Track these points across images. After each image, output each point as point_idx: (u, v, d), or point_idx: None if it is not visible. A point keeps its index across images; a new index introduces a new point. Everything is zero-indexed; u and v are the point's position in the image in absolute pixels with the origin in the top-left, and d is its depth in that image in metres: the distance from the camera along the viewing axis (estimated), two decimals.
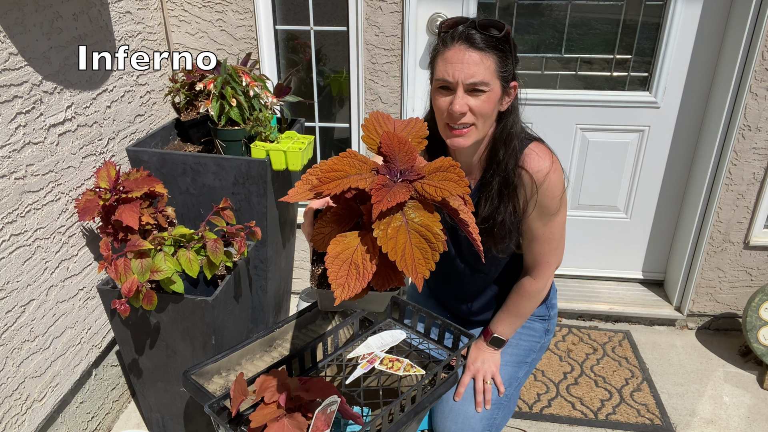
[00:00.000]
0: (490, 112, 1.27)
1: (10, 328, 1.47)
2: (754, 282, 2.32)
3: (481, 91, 1.23)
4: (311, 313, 1.50)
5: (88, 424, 1.82)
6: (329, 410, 1.00)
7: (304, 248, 2.53)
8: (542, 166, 1.33)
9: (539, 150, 1.35)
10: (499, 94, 1.27)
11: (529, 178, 1.34)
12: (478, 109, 1.25)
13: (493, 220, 1.37)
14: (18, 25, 1.42)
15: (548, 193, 1.34)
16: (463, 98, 1.23)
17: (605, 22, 2.18)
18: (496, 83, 1.25)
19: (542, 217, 1.38)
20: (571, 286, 2.56)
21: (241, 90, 1.77)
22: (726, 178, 2.14)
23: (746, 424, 1.96)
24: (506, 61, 1.25)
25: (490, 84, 1.23)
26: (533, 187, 1.34)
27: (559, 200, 1.36)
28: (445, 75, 1.24)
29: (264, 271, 1.97)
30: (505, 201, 1.36)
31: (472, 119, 1.26)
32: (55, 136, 1.59)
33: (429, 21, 2.15)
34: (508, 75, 1.27)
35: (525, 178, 1.34)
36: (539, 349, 1.64)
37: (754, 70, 1.97)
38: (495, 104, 1.27)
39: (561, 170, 1.37)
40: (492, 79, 1.23)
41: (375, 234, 0.69)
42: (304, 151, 1.76)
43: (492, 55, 1.22)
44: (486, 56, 1.22)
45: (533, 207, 1.36)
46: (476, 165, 1.41)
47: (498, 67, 1.24)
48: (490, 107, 1.26)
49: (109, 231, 1.55)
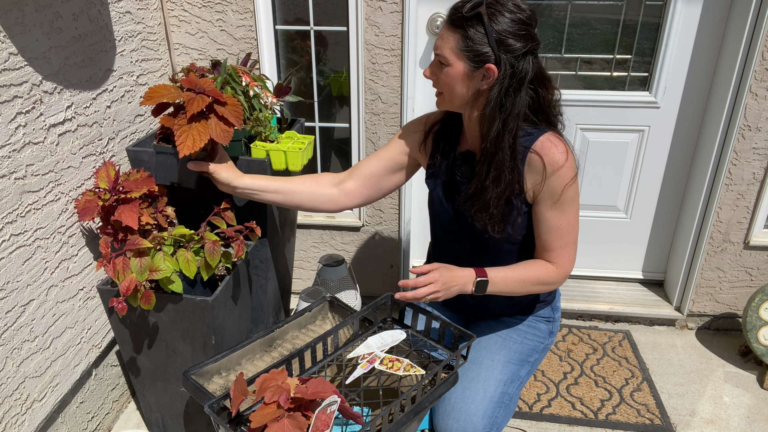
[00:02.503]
0: (451, 86, 1.36)
1: (10, 328, 1.47)
2: (754, 282, 2.32)
3: (443, 65, 1.35)
4: (311, 313, 1.50)
5: (88, 424, 1.82)
6: (329, 410, 1.00)
7: (304, 248, 2.53)
8: (553, 151, 1.35)
9: (553, 137, 1.37)
10: (461, 72, 1.33)
11: (539, 160, 1.36)
12: (440, 81, 1.38)
13: (480, 200, 1.39)
14: (18, 25, 1.42)
15: (556, 184, 1.36)
16: (432, 65, 1.39)
17: (605, 22, 2.18)
18: (456, 61, 1.32)
19: (555, 206, 1.39)
20: (571, 286, 2.56)
21: (241, 90, 1.77)
22: (726, 178, 2.14)
23: (746, 424, 1.96)
24: (472, 40, 1.29)
25: (450, 59, 1.33)
26: (543, 171, 1.36)
27: (569, 186, 1.37)
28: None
29: (264, 271, 1.97)
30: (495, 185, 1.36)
31: (439, 87, 1.40)
32: (55, 136, 1.59)
33: (429, 21, 2.16)
34: (474, 54, 1.29)
35: (536, 162, 1.36)
36: (542, 350, 1.64)
37: (754, 70, 1.97)
38: (456, 80, 1.35)
39: (573, 159, 1.39)
40: (451, 55, 1.32)
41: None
42: (304, 151, 1.76)
43: (457, 33, 1.31)
44: (452, 33, 1.31)
45: (543, 193, 1.37)
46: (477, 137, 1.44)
47: (459, 44, 1.30)
48: (450, 81, 1.35)
49: (108, 231, 1.55)
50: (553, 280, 1.45)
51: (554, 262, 1.45)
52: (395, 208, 2.38)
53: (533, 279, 1.44)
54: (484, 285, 1.40)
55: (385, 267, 2.51)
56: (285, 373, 1.06)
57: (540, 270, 1.44)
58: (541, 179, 1.37)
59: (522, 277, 1.43)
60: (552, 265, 1.45)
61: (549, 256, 1.45)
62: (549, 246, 1.44)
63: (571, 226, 1.42)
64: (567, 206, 1.40)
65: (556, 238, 1.42)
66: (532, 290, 1.47)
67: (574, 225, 1.43)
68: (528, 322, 1.63)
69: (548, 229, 1.42)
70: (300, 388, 1.02)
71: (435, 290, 1.34)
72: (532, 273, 1.44)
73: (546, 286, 1.47)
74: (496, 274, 1.41)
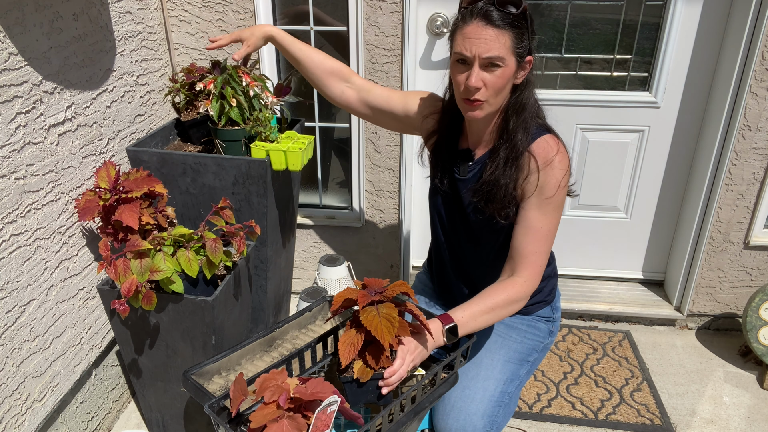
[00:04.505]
0: (503, 86, 1.34)
1: (10, 328, 1.47)
2: (754, 282, 2.32)
3: (497, 65, 1.30)
4: (311, 313, 1.49)
5: (88, 424, 1.82)
6: (329, 410, 1.00)
7: (304, 248, 2.53)
8: (549, 151, 1.38)
9: (550, 140, 1.40)
10: (513, 69, 1.32)
11: (534, 161, 1.38)
12: (491, 84, 1.32)
13: (496, 185, 1.41)
14: (18, 25, 1.42)
15: (549, 178, 1.36)
16: (478, 73, 1.30)
17: (605, 22, 2.18)
18: (511, 59, 1.30)
19: (540, 205, 1.39)
20: (571, 286, 2.56)
21: (241, 90, 1.77)
22: (726, 178, 2.14)
23: (746, 424, 1.96)
24: (522, 37, 1.30)
25: (506, 59, 1.29)
26: (536, 168, 1.38)
27: (558, 186, 1.37)
28: (462, 49, 1.30)
29: (264, 271, 1.97)
30: (509, 170, 1.40)
31: (485, 95, 1.33)
32: (55, 136, 1.59)
33: (429, 21, 2.15)
34: (523, 51, 1.32)
35: (530, 161, 1.39)
36: (542, 350, 1.64)
37: (754, 70, 1.97)
38: (509, 79, 1.33)
39: (567, 159, 1.40)
40: (507, 54, 1.29)
41: (361, 318, 1.16)
42: (304, 151, 1.76)
43: (508, 32, 1.28)
44: (502, 33, 1.27)
45: (533, 189, 1.38)
46: (489, 133, 1.46)
47: (514, 43, 1.29)
48: (503, 82, 1.32)
49: (109, 231, 1.55)
50: (521, 296, 1.39)
51: (523, 272, 1.40)
52: (395, 208, 2.38)
53: (502, 302, 1.37)
54: (454, 329, 1.32)
55: (385, 267, 2.51)
56: (285, 373, 1.06)
57: (506, 291, 1.38)
58: (534, 175, 1.39)
59: (489, 305, 1.36)
60: (519, 279, 1.40)
61: (520, 265, 1.41)
62: (522, 250, 1.40)
63: (549, 232, 1.41)
64: (551, 211, 1.40)
65: (532, 241, 1.40)
66: (504, 314, 1.39)
67: (551, 234, 1.42)
68: (527, 321, 1.63)
69: (526, 229, 1.40)
70: (299, 388, 1.02)
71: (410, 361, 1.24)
72: (499, 297, 1.37)
73: (516, 304, 1.40)
74: (462, 315, 1.34)
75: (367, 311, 1.17)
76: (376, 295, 1.21)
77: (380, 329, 1.15)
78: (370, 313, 1.17)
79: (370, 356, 1.19)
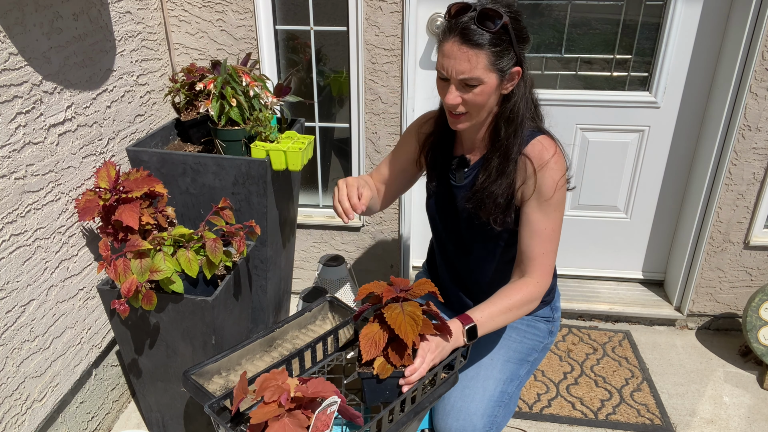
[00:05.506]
0: (484, 102, 1.32)
1: (10, 328, 1.47)
2: (754, 282, 2.32)
3: (473, 85, 1.29)
4: (311, 313, 1.49)
5: (88, 424, 1.82)
6: (329, 410, 1.00)
7: (304, 248, 2.53)
8: (544, 153, 1.37)
9: (545, 141, 1.39)
10: (494, 85, 1.30)
11: (530, 164, 1.38)
12: (470, 101, 1.31)
13: (488, 192, 1.40)
14: (18, 25, 1.42)
15: (546, 179, 1.36)
16: (455, 92, 1.31)
17: (605, 22, 2.18)
18: (490, 76, 1.28)
19: (541, 207, 1.39)
20: (571, 286, 2.56)
21: (241, 90, 1.77)
22: (726, 178, 2.14)
23: (746, 424, 1.96)
24: (503, 53, 1.27)
25: (482, 78, 1.28)
26: (533, 171, 1.37)
27: (556, 187, 1.37)
28: (440, 67, 1.31)
29: (264, 271, 1.97)
30: (502, 177, 1.39)
31: (464, 109, 1.33)
32: (55, 136, 1.59)
33: (429, 21, 2.15)
34: (505, 66, 1.29)
35: (526, 165, 1.38)
36: (542, 350, 1.64)
37: (754, 70, 1.97)
38: (489, 94, 1.32)
39: (563, 159, 1.39)
40: (484, 73, 1.27)
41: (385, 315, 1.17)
42: (304, 151, 1.76)
43: (485, 51, 1.25)
44: (478, 52, 1.25)
45: (531, 192, 1.37)
46: (480, 141, 1.46)
47: (491, 61, 1.26)
48: (483, 98, 1.31)
49: (109, 231, 1.55)
50: (535, 296, 1.41)
51: (534, 273, 1.41)
52: (395, 208, 2.38)
53: (518, 302, 1.38)
54: (473, 330, 1.33)
55: (385, 267, 2.51)
56: (285, 373, 1.06)
57: (521, 291, 1.40)
58: (531, 178, 1.38)
59: (507, 305, 1.38)
60: (531, 280, 1.41)
61: (529, 267, 1.42)
62: (531, 253, 1.41)
63: (554, 232, 1.42)
64: (552, 211, 1.40)
65: (538, 243, 1.41)
66: (519, 314, 1.40)
67: (557, 233, 1.42)
68: (527, 321, 1.63)
69: (531, 232, 1.41)
70: (300, 387, 1.02)
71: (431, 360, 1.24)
72: (515, 297, 1.39)
73: (531, 304, 1.41)
74: (480, 315, 1.35)
75: (391, 308, 1.18)
76: (402, 292, 1.21)
77: (404, 327, 1.15)
78: (394, 311, 1.17)
79: (393, 353, 1.19)
